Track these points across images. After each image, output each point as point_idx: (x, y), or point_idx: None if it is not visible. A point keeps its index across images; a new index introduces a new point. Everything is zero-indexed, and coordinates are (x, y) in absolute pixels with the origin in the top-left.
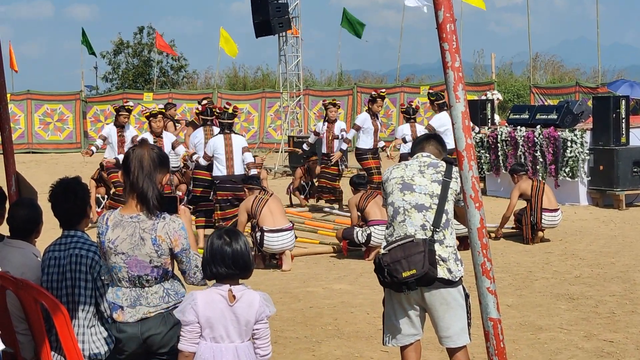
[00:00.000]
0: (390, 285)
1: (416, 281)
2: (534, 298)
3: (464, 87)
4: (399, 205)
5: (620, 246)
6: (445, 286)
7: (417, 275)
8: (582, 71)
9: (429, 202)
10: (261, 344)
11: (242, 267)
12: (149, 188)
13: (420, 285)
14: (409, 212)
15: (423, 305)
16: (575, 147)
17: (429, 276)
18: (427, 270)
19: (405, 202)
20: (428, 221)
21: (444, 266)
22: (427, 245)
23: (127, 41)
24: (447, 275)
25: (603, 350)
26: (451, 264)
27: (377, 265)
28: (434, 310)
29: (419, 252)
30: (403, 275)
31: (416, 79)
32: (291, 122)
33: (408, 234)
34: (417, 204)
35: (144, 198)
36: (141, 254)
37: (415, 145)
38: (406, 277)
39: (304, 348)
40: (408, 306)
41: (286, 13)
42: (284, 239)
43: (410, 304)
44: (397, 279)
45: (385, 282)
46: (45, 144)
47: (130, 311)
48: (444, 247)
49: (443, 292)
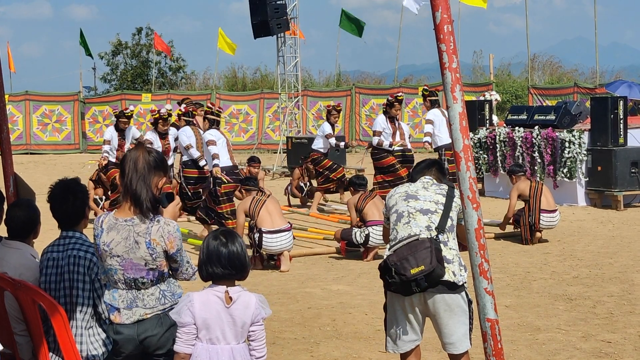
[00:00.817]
0: (399, 287)
1: (425, 277)
2: (532, 299)
3: (461, 88)
4: (403, 210)
5: (618, 247)
6: (449, 291)
7: (426, 271)
8: (580, 72)
9: (434, 207)
10: (257, 345)
11: (238, 268)
12: (142, 191)
13: (427, 283)
14: (414, 215)
15: (426, 311)
16: (573, 147)
17: (437, 273)
18: (435, 266)
19: (410, 207)
20: (433, 223)
21: (448, 268)
22: (433, 243)
23: (125, 42)
24: (452, 278)
25: (601, 351)
26: (455, 268)
27: (383, 267)
28: (438, 317)
29: (425, 248)
30: (411, 272)
31: (414, 80)
32: (289, 123)
33: (412, 233)
34: (422, 208)
35: (137, 200)
36: (136, 257)
37: (417, 173)
38: (415, 274)
39: (302, 349)
40: (410, 313)
41: (284, 14)
42: (283, 239)
43: (412, 310)
44: (406, 276)
45: (393, 283)
46: (43, 145)
47: (127, 313)
48: (448, 249)
49: (446, 298)
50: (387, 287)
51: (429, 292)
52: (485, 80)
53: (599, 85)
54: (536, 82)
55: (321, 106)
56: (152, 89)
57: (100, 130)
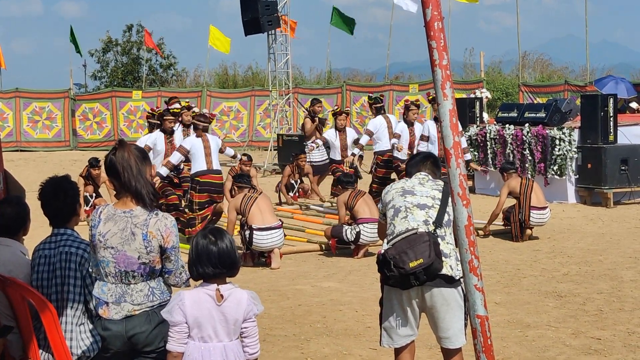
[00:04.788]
0: (397, 280)
1: (424, 271)
2: (522, 295)
3: (451, 85)
4: (400, 205)
5: (608, 244)
6: (447, 285)
7: (425, 264)
8: (571, 69)
9: (431, 202)
10: (249, 342)
11: (229, 266)
12: (142, 186)
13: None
14: (411, 210)
15: (423, 305)
16: (564, 145)
17: (435, 267)
18: (434, 260)
19: (407, 202)
20: (430, 217)
21: (446, 262)
22: (431, 237)
23: (116, 39)
24: (450, 272)
25: (590, 348)
26: (452, 262)
27: (381, 261)
28: (435, 310)
29: (424, 241)
30: (410, 266)
31: (405, 77)
32: (280, 120)
33: (410, 227)
34: (419, 203)
35: (139, 196)
36: (130, 249)
37: (412, 167)
38: (414, 267)
39: (292, 346)
40: (407, 306)
41: (275, 11)
42: (273, 237)
43: (409, 304)
44: (405, 269)
45: (391, 276)
46: (33, 142)
47: (115, 308)
48: (445, 243)
49: (444, 292)
50: (385, 280)
51: (426, 285)
52: (475, 78)
53: (589, 82)
54: (527, 80)
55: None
56: (142, 86)
57: (91, 127)
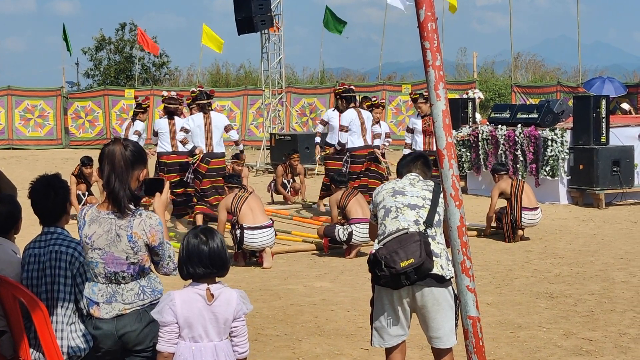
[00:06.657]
0: (388, 280)
1: (414, 270)
2: (513, 296)
3: (444, 86)
4: (391, 206)
5: (599, 245)
6: (437, 285)
7: (416, 264)
8: (563, 70)
9: (422, 202)
10: (239, 341)
11: (219, 266)
12: (120, 189)
13: (417, 276)
14: (402, 210)
15: (414, 305)
16: (556, 146)
17: (426, 266)
18: (424, 259)
19: (398, 202)
20: (421, 217)
21: (437, 262)
22: (422, 237)
23: (109, 37)
24: (440, 272)
25: (582, 349)
26: (443, 262)
27: (372, 261)
28: (425, 310)
29: (414, 241)
30: (401, 265)
31: (398, 77)
32: (273, 119)
33: (401, 227)
34: (409, 203)
35: (115, 199)
36: (117, 250)
37: (403, 167)
38: (404, 267)
39: (284, 346)
40: (398, 306)
41: (268, 10)
42: (264, 236)
43: (400, 304)
44: (395, 269)
45: (382, 276)
46: (25, 140)
47: (106, 307)
48: (436, 243)
49: (435, 292)
50: (376, 280)
51: (417, 285)
52: (468, 78)
53: (581, 83)
54: (519, 81)
55: (305, 103)
56: (135, 84)
57: (83, 125)
